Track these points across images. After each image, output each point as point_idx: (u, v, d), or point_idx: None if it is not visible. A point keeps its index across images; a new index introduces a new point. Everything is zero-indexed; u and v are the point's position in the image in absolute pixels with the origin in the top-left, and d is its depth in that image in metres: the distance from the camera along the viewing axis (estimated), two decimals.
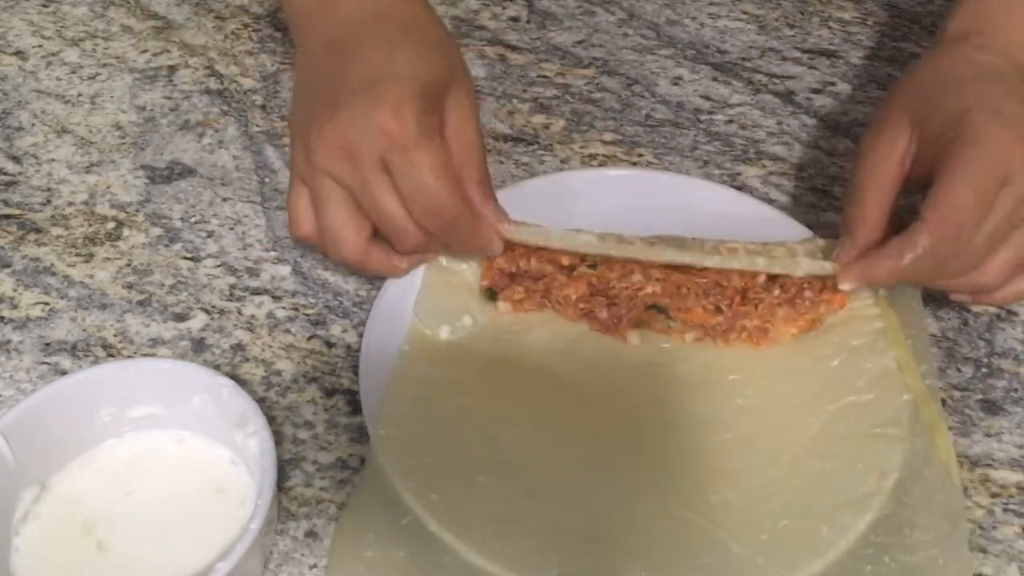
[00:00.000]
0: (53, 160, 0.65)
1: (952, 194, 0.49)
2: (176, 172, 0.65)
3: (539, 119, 0.69)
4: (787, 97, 0.71)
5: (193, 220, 0.62)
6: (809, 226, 0.59)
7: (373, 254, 0.53)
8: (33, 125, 0.68)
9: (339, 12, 0.54)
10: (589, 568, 0.46)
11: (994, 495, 0.50)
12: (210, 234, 0.61)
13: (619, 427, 0.51)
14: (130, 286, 0.58)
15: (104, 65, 0.72)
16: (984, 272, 0.52)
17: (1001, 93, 0.52)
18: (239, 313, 0.57)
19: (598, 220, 0.60)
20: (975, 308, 0.58)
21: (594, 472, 0.50)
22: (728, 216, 0.59)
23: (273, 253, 0.60)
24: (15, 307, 0.57)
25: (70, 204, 0.63)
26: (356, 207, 0.52)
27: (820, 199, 0.64)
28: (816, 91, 0.71)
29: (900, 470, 0.48)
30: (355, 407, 0.52)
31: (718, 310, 0.54)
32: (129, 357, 0.55)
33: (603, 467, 0.50)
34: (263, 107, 0.69)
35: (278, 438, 0.50)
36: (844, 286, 0.53)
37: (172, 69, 0.72)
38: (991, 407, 0.54)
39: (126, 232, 0.61)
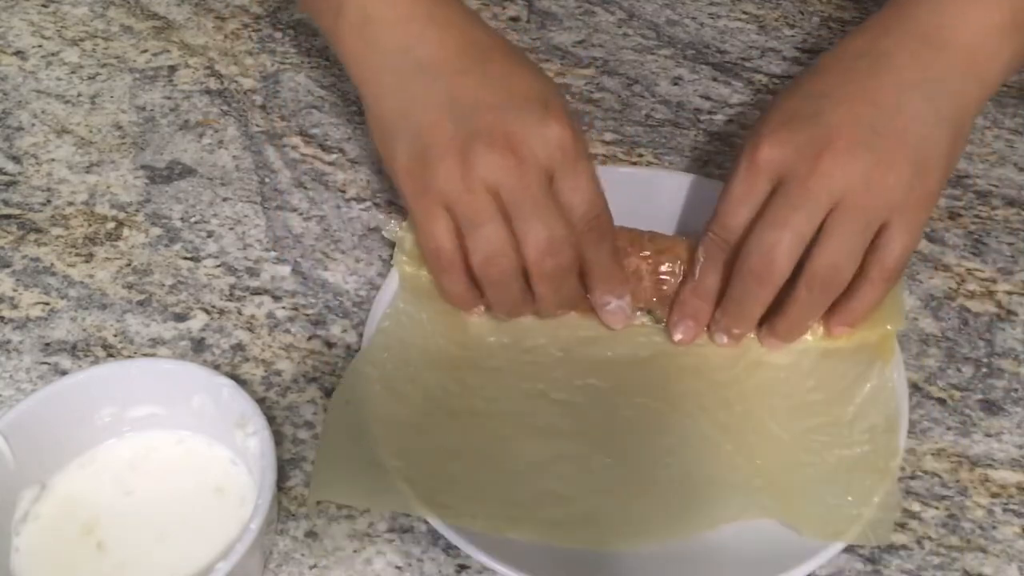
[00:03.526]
0: (53, 160, 0.65)
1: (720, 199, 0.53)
2: (176, 172, 0.65)
3: None
4: None
5: (193, 220, 0.62)
6: None
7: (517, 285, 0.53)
8: (33, 125, 0.68)
9: (456, 36, 0.54)
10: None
11: (994, 495, 0.50)
12: (210, 234, 0.61)
13: (603, 401, 0.52)
14: (130, 286, 0.58)
15: (104, 65, 0.72)
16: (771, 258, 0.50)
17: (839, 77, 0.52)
18: (239, 313, 0.57)
19: None
20: (975, 308, 0.58)
21: (568, 433, 0.51)
22: None
23: (273, 253, 0.60)
24: (15, 307, 0.57)
25: (70, 204, 0.63)
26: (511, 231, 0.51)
27: None
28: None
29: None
30: None
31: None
32: (129, 357, 0.55)
33: (576, 428, 0.51)
34: (263, 107, 0.69)
35: (278, 438, 0.51)
36: (769, 346, 0.54)
37: (172, 69, 0.72)
38: (991, 407, 0.54)
39: (126, 232, 0.61)
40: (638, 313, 0.55)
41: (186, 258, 0.60)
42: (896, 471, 0.49)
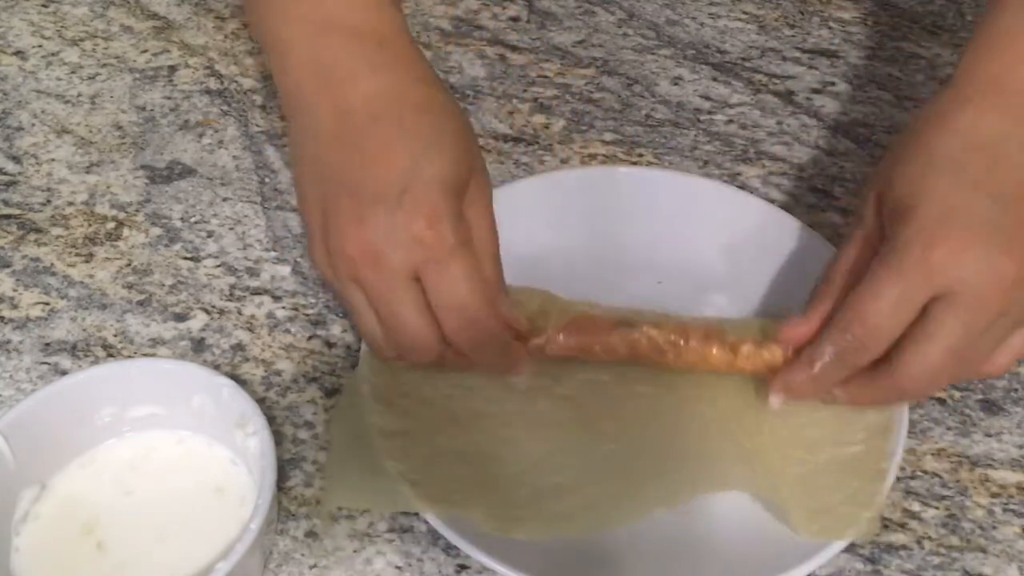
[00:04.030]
0: (53, 160, 0.65)
1: (862, 302, 0.44)
2: (176, 172, 0.65)
3: (539, 119, 0.69)
4: (787, 97, 0.71)
5: (193, 220, 0.62)
6: (811, 225, 0.59)
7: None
8: (33, 125, 0.68)
9: (347, 97, 0.49)
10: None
11: (994, 495, 0.50)
12: (210, 234, 0.61)
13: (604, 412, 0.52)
14: (130, 286, 0.58)
15: (104, 65, 0.72)
16: (907, 377, 0.45)
17: (977, 175, 0.44)
18: (239, 313, 0.57)
19: (597, 220, 0.60)
20: None
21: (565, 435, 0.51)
22: (729, 215, 0.59)
23: (273, 253, 0.60)
24: (15, 307, 0.57)
25: (70, 204, 0.63)
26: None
27: (820, 199, 0.64)
28: (816, 91, 0.71)
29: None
30: None
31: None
32: (129, 357, 0.55)
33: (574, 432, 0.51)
34: (263, 107, 0.69)
35: (278, 438, 0.50)
36: (774, 402, 0.49)
37: (172, 69, 0.72)
38: (991, 407, 0.54)
39: (126, 232, 0.61)
40: None
41: (186, 258, 0.60)
42: (888, 473, 0.48)
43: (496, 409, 0.51)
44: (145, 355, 0.55)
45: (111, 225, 0.61)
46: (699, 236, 0.59)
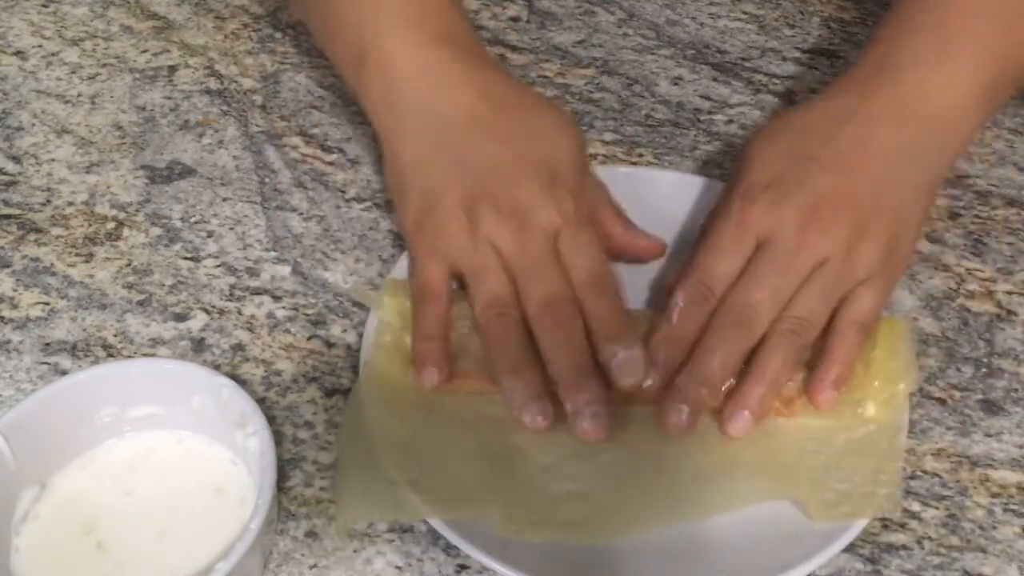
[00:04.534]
0: (53, 160, 0.65)
1: (701, 253, 0.53)
2: (176, 172, 0.65)
3: None
4: (787, 97, 0.71)
5: (193, 220, 0.62)
6: None
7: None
8: (33, 125, 0.68)
9: (468, 93, 0.56)
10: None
11: (994, 495, 0.50)
12: (210, 234, 0.61)
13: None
14: (130, 286, 0.58)
15: (104, 65, 0.72)
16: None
17: (808, 146, 0.54)
18: (239, 313, 0.57)
19: None
20: (975, 308, 0.58)
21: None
22: None
23: (273, 253, 0.60)
24: (15, 307, 0.57)
25: (70, 204, 0.63)
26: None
27: None
28: (816, 91, 0.71)
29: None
30: None
31: None
32: (129, 357, 0.55)
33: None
34: (263, 107, 0.69)
35: (278, 438, 0.50)
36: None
37: (172, 69, 0.72)
38: (991, 407, 0.54)
39: (126, 232, 0.61)
40: None
41: (186, 258, 0.60)
42: (902, 448, 0.49)
43: (505, 414, 0.50)
44: (145, 355, 0.55)
45: (111, 225, 0.61)
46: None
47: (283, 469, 0.50)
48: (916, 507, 0.50)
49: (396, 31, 0.56)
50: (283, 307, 0.57)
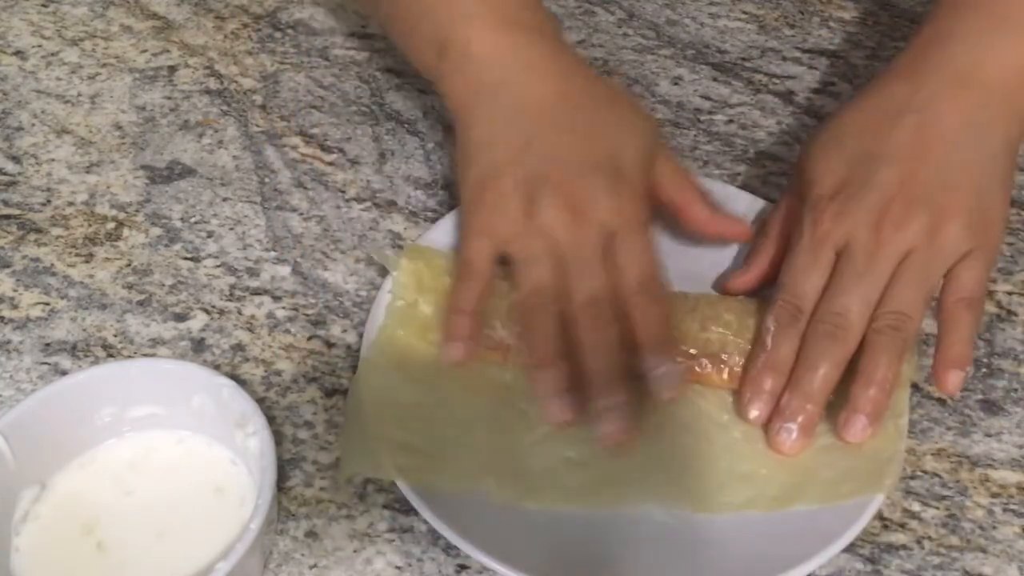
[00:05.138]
0: (53, 160, 0.65)
1: (784, 273, 0.53)
2: (176, 172, 0.65)
3: None
4: (787, 97, 0.71)
5: (193, 220, 0.62)
6: None
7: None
8: (33, 125, 0.68)
9: (545, 82, 0.56)
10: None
11: (994, 495, 0.50)
12: (210, 234, 0.61)
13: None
14: (130, 286, 0.58)
15: (104, 65, 0.72)
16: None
17: (867, 145, 0.53)
18: (239, 313, 0.57)
19: None
20: None
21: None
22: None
23: (273, 253, 0.60)
24: (15, 307, 0.57)
25: (70, 204, 0.63)
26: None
27: None
28: (816, 91, 0.71)
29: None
30: None
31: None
32: (129, 357, 0.55)
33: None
34: (263, 107, 0.69)
35: (278, 438, 0.51)
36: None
37: (172, 69, 0.72)
38: (991, 407, 0.54)
39: (126, 232, 0.61)
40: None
41: (186, 258, 0.60)
42: (904, 429, 0.50)
43: (513, 381, 0.52)
44: (145, 355, 0.55)
45: (111, 225, 0.61)
46: (699, 236, 0.59)
47: (283, 469, 0.50)
48: (916, 507, 0.50)
49: (477, 17, 0.57)
50: (283, 307, 0.57)
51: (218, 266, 0.59)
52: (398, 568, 0.47)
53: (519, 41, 0.57)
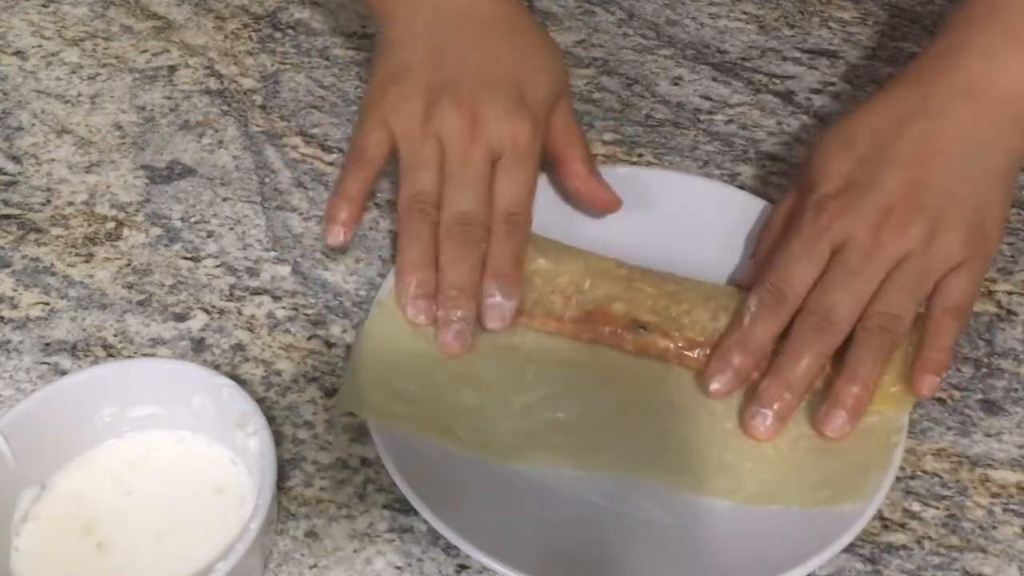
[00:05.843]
0: (53, 160, 0.65)
1: (777, 258, 0.53)
2: (176, 172, 0.65)
3: None
4: (787, 97, 0.71)
5: (193, 220, 0.62)
6: None
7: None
8: (33, 125, 0.68)
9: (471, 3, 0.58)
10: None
11: (994, 495, 0.50)
12: (210, 234, 0.61)
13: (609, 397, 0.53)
14: (130, 286, 0.58)
15: (104, 65, 0.72)
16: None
17: (874, 148, 0.53)
18: (239, 313, 0.57)
19: (597, 220, 0.60)
20: (975, 308, 0.58)
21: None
22: (728, 215, 0.59)
23: (273, 253, 0.60)
24: (15, 307, 0.57)
25: (70, 204, 0.63)
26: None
27: None
28: (816, 91, 0.71)
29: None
30: None
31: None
32: (129, 357, 0.55)
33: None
34: (263, 107, 0.69)
35: (278, 438, 0.51)
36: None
37: (172, 69, 0.72)
38: (991, 407, 0.54)
39: (126, 232, 0.61)
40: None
41: (186, 258, 0.60)
42: (899, 443, 0.49)
43: (519, 341, 0.53)
44: (145, 355, 0.55)
45: (111, 225, 0.61)
46: (699, 236, 0.59)
47: (283, 469, 0.50)
48: (916, 507, 0.50)
49: None
50: (283, 307, 0.57)
51: (218, 266, 0.59)
52: (398, 568, 0.47)
53: None
